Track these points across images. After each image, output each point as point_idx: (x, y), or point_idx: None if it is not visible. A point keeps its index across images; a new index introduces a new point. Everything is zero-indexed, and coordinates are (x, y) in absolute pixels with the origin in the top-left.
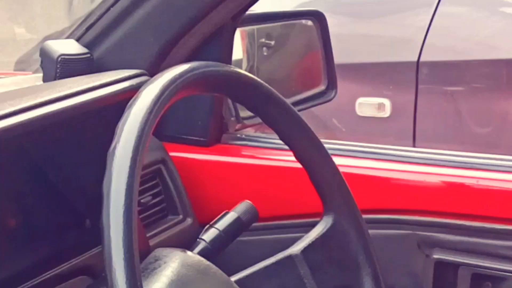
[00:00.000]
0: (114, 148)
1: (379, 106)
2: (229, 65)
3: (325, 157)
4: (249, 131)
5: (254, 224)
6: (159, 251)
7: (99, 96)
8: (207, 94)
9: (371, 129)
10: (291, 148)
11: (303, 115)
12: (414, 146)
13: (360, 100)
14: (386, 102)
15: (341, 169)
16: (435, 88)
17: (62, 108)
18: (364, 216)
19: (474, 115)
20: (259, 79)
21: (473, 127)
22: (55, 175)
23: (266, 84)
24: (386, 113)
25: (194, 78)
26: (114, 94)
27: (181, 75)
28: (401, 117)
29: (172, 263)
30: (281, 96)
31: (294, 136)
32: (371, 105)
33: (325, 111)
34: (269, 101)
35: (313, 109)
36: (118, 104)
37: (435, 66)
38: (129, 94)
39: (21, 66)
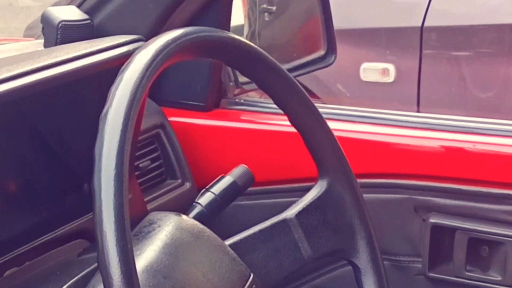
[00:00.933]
0: (106, 112)
1: (383, 71)
2: (223, 31)
3: (320, 121)
4: (248, 96)
5: (250, 189)
6: (153, 215)
7: (95, 62)
8: (201, 59)
9: (375, 94)
10: (286, 113)
11: (308, 80)
12: (418, 111)
13: (365, 65)
14: (390, 67)
15: (337, 134)
16: (439, 53)
17: (58, 73)
18: (361, 180)
19: (478, 80)
20: (253, 44)
21: (477, 92)
22: (54, 139)
23: (260, 49)
24: (390, 78)
25: (187, 43)
26: (110, 59)
27: (174, 40)
28: (405, 82)
29: (166, 227)
30: (275, 61)
31: (288, 101)
32: (375, 70)
33: (330, 76)
34: (263, 66)
35: (318, 74)
36: (114, 69)
37: (439, 31)
38: (125, 60)
39: (30, 32)
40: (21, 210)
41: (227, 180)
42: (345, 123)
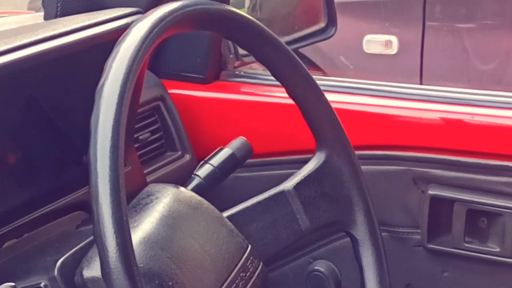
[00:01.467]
0: (102, 85)
1: (386, 43)
2: (221, 3)
3: (317, 93)
4: (248, 68)
5: (249, 161)
6: (151, 187)
7: (93, 35)
8: (198, 31)
9: (378, 66)
10: (284, 85)
11: (312, 53)
12: (420, 83)
13: (368, 37)
14: (393, 39)
15: (335, 106)
16: (442, 25)
17: (57, 46)
18: (360, 152)
19: (480, 52)
20: (250, 17)
21: (480, 64)
22: (53, 111)
23: (258, 22)
24: (393, 50)
25: (184, 16)
26: (108, 32)
27: (171, 12)
28: (408, 54)
29: (164, 199)
30: (272, 34)
31: (286, 73)
32: (379, 42)
33: (333, 48)
34: (260, 39)
35: (321, 47)
36: (113, 42)
37: (442, 2)
38: (123, 32)
39: (34, 5)
40: (20, 182)
41: (225, 152)
42: (343, 95)
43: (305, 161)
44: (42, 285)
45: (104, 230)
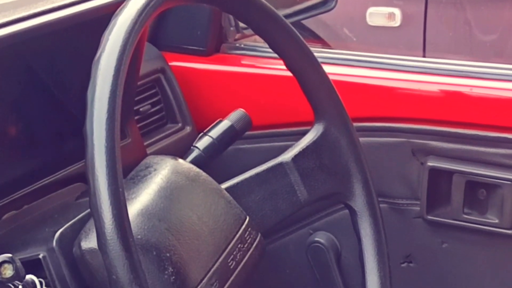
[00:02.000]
0: (99, 57)
1: (390, 16)
2: None
3: (315, 65)
4: (249, 41)
5: (248, 133)
6: (150, 159)
7: (92, 7)
8: (196, 4)
9: (381, 39)
10: (281, 57)
11: (314, 25)
12: (424, 56)
13: (371, 9)
14: (397, 12)
15: (333, 78)
16: None
17: (56, 19)
18: (359, 124)
19: (483, 24)
20: None
21: (483, 36)
22: (54, 83)
23: None
24: (396, 22)
25: None
26: (105, 5)
27: None
28: (411, 26)
29: (162, 170)
30: (269, 6)
31: (283, 46)
32: (382, 15)
33: (336, 20)
34: (258, 11)
35: (325, 19)
36: (111, 15)
37: None
38: (120, 5)
39: None
40: (21, 154)
41: (224, 124)
42: (342, 67)
43: (304, 133)
44: (40, 256)
45: (100, 202)
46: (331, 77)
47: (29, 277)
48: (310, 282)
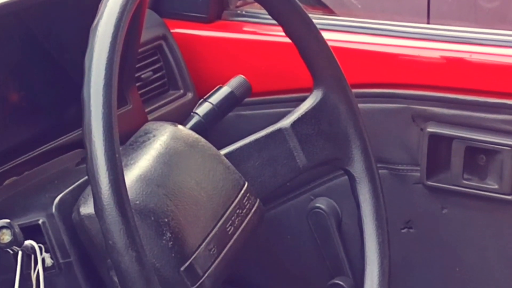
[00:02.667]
0: (97, 24)
1: None
2: None
3: (314, 32)
4: (250, 7)
5: (248, 99)
6: (149, 125)
7: None
8: None
9: (386, 5)
10: (280, 24)
11: None
12: (428, 22)
13: None
14: None
15: (332, 44)
16: None
17: None
18: (359, 90)
19: None
20: None
21: (485, 3)
22: (54, 49)
23: None
24: None
25: None
26: None
27: None
28: None
29: (161, 136)
30: None
31: (282, 12)
32: None
33: None
34: None
35: None
36: None
37: None
38: None
39: None
40: (22, 120)
41: (224, 91)
42: (341, 34)
43: (304, 100)
44: (40, 222)
45: (96, 168)
46: (330, 43)
47: (29, 242)
48: (311, 247)
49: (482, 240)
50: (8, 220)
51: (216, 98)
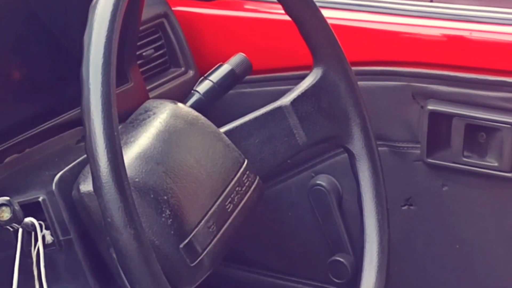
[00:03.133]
0: (96, 2)
1: None
2: None
3: (313, 10)
4: None
5: (248, 77)
6: (149, 103)
7: None
8: None
9: None
10: (280, 2)
11: None
12: (430, 0)
13: None
14: None
15: (332, 22)
16: None
17: None
18: (360, 68)
19: None
20: None
21: None
22: (55, 27)
23: None
24: None
25: None
26: None
27: None
28: None
29: (161, 114)
30: None
31: None
32: None
33: None
34: None
35: None
36: None
37: None
38: None
39: None
40: (23, 98)
41: (225, 68)
42: (341, 12)
43: (304, 77)
44: (40, 199)
45: (95, 145)
46: (330, 21)
47: (29, 219)
48: (311, 224)
49: (482, 217)
50: (7, 198)
51: (216, 76)
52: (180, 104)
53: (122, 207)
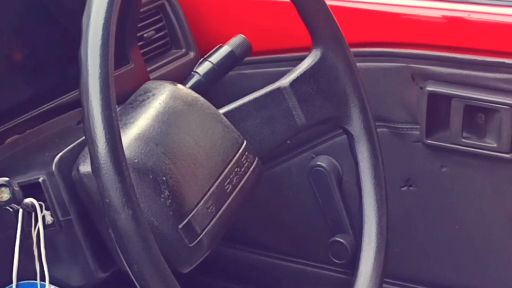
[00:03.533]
0: None
1: None
2: None
3: None
4: None
5: (248, 58)
6: (149, 84)
7: None
8: None
9: None
10: None
11: None
12: None
13: None
14: None
15: (332, 3)
16: None
17: None
18: (359, 49)
19: None
20: None
21: None
22: (56, 8)
23: None
24: None
25: None
26: None
27: None
28: None
29: (161, 95)
30: None
31: None
32: None
33: None
34: None
35: None
36: None
37: None
38: None
39: None
40: (24, 79)
41: (225, 50)
42: None
43: (303, 59)
44: (40, 180)
45: (93, 127)
46: (329, 2)
47: (29, 200)
48: (312, 205)
49: (481, 198)
50: (6, 178)
51: (216, 57)
52: (179, 85)
53: (120, 188)
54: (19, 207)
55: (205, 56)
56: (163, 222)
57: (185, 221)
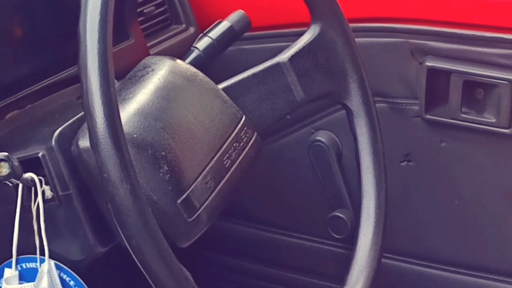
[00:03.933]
0: None
1: None
2: None
3: None
4: None
5: (247, 33)
6: (148, 59)
7: None
8: None
9: None
10: None
11: None
12: None
13: None
14: None
15: None
16: None
17: None
18: (358, 24)
19: None
20: None
21: None
22: None
23: None
24: None
25: None
26: None
27: None
28: None
29: (160, 71)
30: None
31: None
32: None
33: None
34: None
35: None
36: None
37: None
38: None
39: None
40: (25, 54)
41: (224, 25)
42: None
43: (302, 34)
44: (40, 155)
45: (92, 102)
46: None
47: (29, 175)
48: (311, 180)
49: (480, 173)
50: (6, 153)
51: (215, 32)
52: (178, 61)
53: (118, 163)
54: (18, 182)
55: (204, 32)
56: (162, 197)
57: (184, 195)
